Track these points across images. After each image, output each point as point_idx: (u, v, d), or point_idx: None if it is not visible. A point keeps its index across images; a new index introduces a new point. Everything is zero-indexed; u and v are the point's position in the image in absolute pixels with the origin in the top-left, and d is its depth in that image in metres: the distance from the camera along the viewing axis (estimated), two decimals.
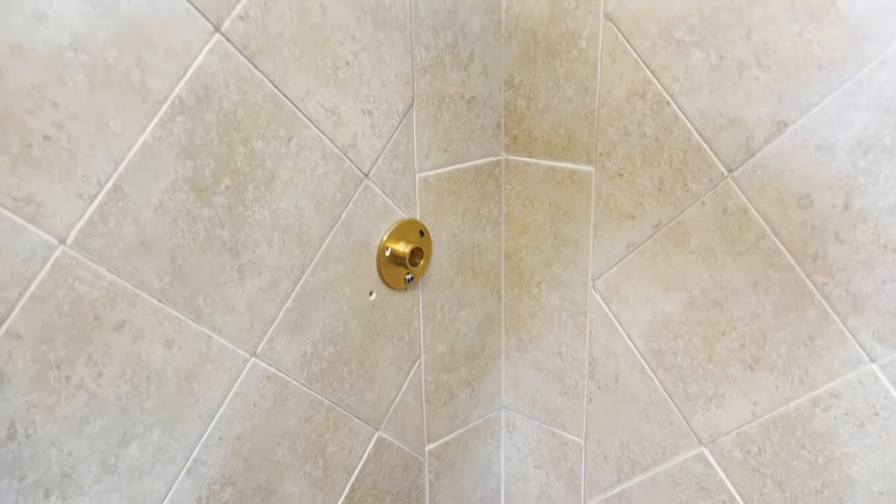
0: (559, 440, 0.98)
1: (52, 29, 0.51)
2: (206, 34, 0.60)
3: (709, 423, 0.81)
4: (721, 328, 0.77)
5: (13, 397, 0.55)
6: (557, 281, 0.91)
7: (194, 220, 0.63)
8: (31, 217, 0.53)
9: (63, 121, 0.53)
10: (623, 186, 0.80)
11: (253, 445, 0.73)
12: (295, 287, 0.72)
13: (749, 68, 0.67)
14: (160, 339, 0.63)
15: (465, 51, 0.83)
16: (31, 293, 0.54)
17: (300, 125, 0.68)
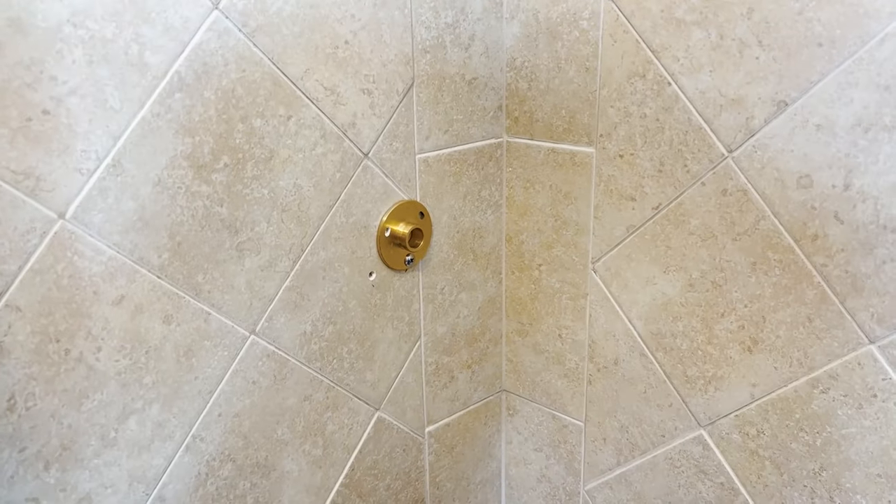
0: (559, 423, 0.98)
1: (50, 3, 0.52)
2: (205, 11, 0.60)
3: (707, 405, 0.81)
4: (720, 310, 0.76)
5: (13, 369, 0.56)
6: (558, 263, 0.91)
7: (193, 196, 0.63)
8: (30, 191, 0.53)
9: (62, 95, 0.54)
10: (623, 168, 0.80)
11: (252, 423, 0.73)
12: (294, 266, 0.73)
13: (749, 47, 0.67)
14: (159, 314, 0.63)
15: (466, 31, 0.82)
16: (31, 266, 0.55)
17: (299, 103, 0.69)
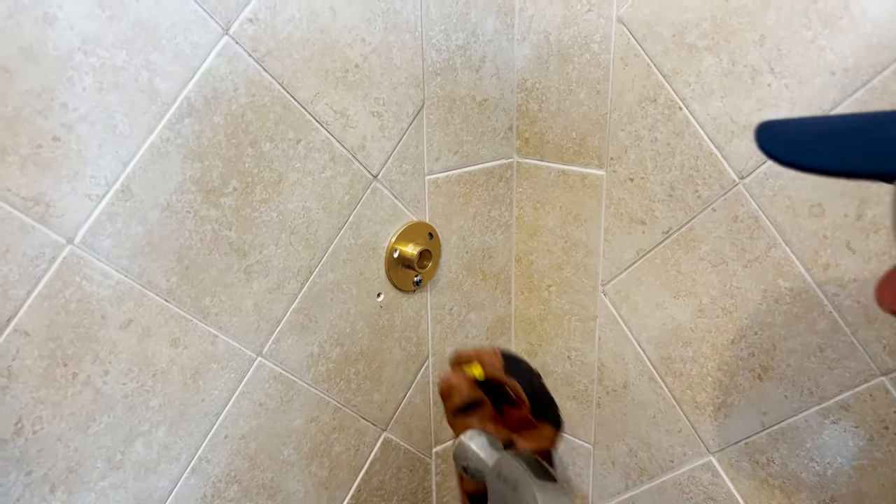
0: (567, 445, 0.97)
1: (61, 31, 0.52)
2: (215, 36, 0.60)
3: (717, 431, 0.80)
4: (730, 336, 0.76)
5: (21, 393, 0.56)
6: (567, 285, 0.91)
7: (202, 220, 0.63)
8: (40, 217, 0.54)
9: (72, 122, 0.54)
10: (634, 191, 0.80)
11: (258, 444, 0.73)
12: (302, 288, 0.73)
13: (761, 74, 0.67)
14: (167, 338, 0.64)
15: (476, 53, 0.82)
16: (39, 291, 0.55)
17: (309, 127, 0.69)
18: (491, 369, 0.66)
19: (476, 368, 0.66)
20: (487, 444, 0.63)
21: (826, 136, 0.36)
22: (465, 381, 0.66)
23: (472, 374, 0.65)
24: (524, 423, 0.67)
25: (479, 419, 0.65)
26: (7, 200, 0.52)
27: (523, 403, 0.65)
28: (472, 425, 0.65)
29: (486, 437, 0.63)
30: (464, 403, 0.65)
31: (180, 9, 0.58)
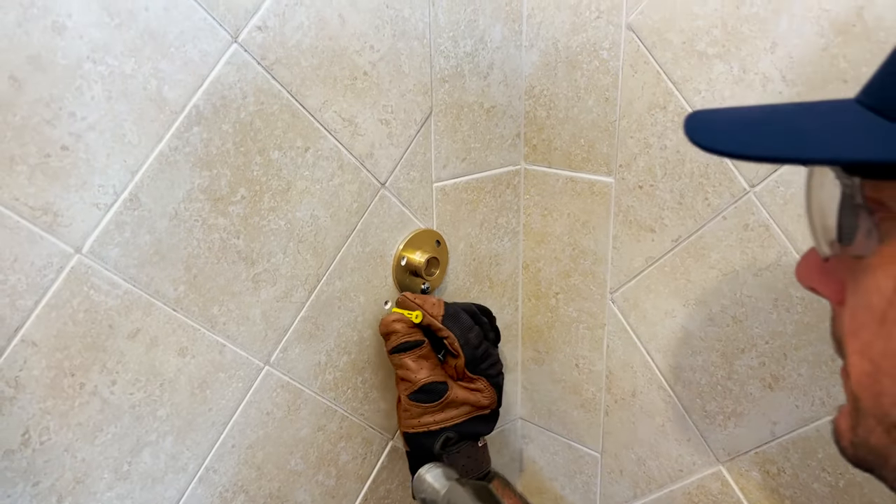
0: (575, 453, 0.97)
1: (70, 40, 0.52)
2: (224, 44, 0.60)
3: (727, 441, 0.79)
4: (741, 345, 0.75)
5: (28, 404, 0.56)
6: (575, 292, 0.90)
7: (210, 229, 0.63)
8: (48, 226, 0.54)
9: (80, 131, 0.54)
10: (643, 199, 0.79)
11: (265, 454, 0.73)
12: (310, 296, 0.72)
13: (773, 82, 0.66)
14: (174, 347, 0.63)
15: (484, 60, 0.82)
16: (47, 301, 0.55)
17: (317, 135, 0.68)
18: (429, 317, 0.74)
19: (416, 313, 0.74)
20: (441, 475, 0.71)
21: (748, 125, 0.39)
22: (403, 322, 0.75)
23: (410, 317, 0.74)
24: (460, 374, 0.76)
25: (414, 358, 0.74)
26: (15, 210, 0.52)
27: (459, 355, 0.74)
28: (406, 365, 0.73)
29: (442, 469, 0.72)
30: (399, 343, 0.74)
31: (189, 17, 0.57)
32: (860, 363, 0.36)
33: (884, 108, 0.34)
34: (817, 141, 0.34)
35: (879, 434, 0.35)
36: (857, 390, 0.37)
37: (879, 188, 0.34)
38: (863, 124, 0.34)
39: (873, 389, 0.35)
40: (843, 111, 0.36)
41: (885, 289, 0.34)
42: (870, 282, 0.35)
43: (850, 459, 0.39)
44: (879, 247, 0.35)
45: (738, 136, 0.38)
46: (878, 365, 0.35)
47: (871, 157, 0.32)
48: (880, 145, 0.32)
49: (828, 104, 0.39)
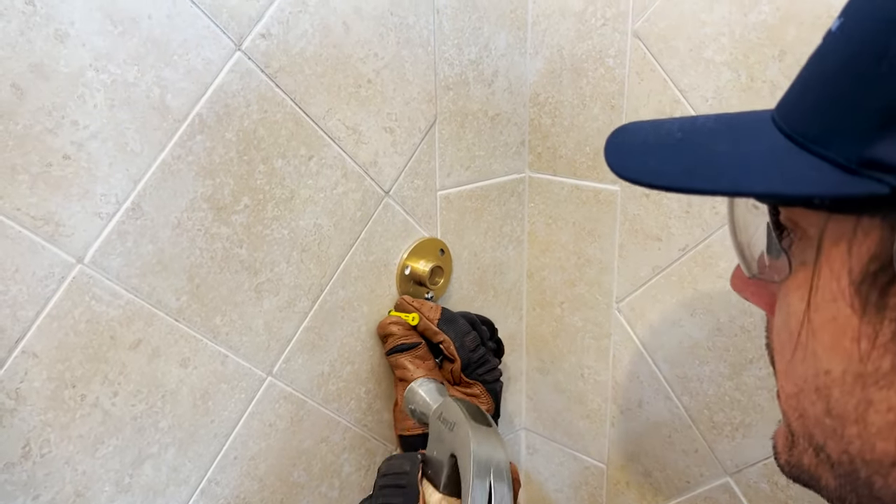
0: (580, 464, 0.96)
1: (72, 48, 0.51)
2: (228, 52, 0.59)
3: (735, 452, 0.78)
4: (749, 356, 0.74)
5: (28, 416, 0.55)
6: (580, 301, 0.89)
7: (213, 238, 0.62)
8: (49, 236, 0.53)
9: (83, 140, 0.53)
10: (649, 207, 0.79)
11: (268, 465, 0.72)
12: (313, 306, 0.72)
13: (781, 90, 0.65)
14: (176, 358, 0.62)
15: (489, 67, 0.82)
16: (48, 312, 0.54)
17: (321, 143, 0.68)
18: (425, 321, 0.75)
19: (413, 315, 0.76)
20: (434, 390, 0.71)
21: (662, 149, 0.38)
22: (399, 325, 0.76)
23: (406, 319, 0.76)
24: (457, 379, 0.76)
25: (410, 359, 0.75)
26: (16, 220, 0.51)
27: (455, 359, 0.74)
28: (403, 365, 0.74)
29: (435, 384, 0.72)
30: (396, 344, 0.75)
31: (192, 24, 0.57)
32: (785, 384, 0.36)
33: (792, 133, 0.33)
34: (724, 173, 0.34)
35: (810, 455, 0.35)
36: (786, 411, 0.37)
37: (792, 210, 0.34)
38: (772, 152, 0.33)
39: (797, 411, 0.35)
40: (759, 134, 0.35)
41: (798, 312, 0.34)
42: (786, 304, 0.35)
43: (788, 476, 0.39)
44: (794, 269, 0.35)
45: (650, 162, 0.37)
46: (800, 387, 0.34)
47: (774, 190, 0.31)
48: (784, 177, 0.31)
49: (746, 121, 0.38)
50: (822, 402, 0.33)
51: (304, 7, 0.63)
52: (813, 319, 0.33)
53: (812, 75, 0.34)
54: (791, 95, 0.35)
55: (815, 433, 0.34)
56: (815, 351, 0.33)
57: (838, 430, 0.32)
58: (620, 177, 0.37)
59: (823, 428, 0.34)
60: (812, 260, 0.33)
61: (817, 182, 0.30)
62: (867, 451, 0.31)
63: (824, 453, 0.34)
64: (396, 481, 0.62)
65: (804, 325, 0.33)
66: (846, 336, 0.31)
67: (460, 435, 0.60)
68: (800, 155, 0.32)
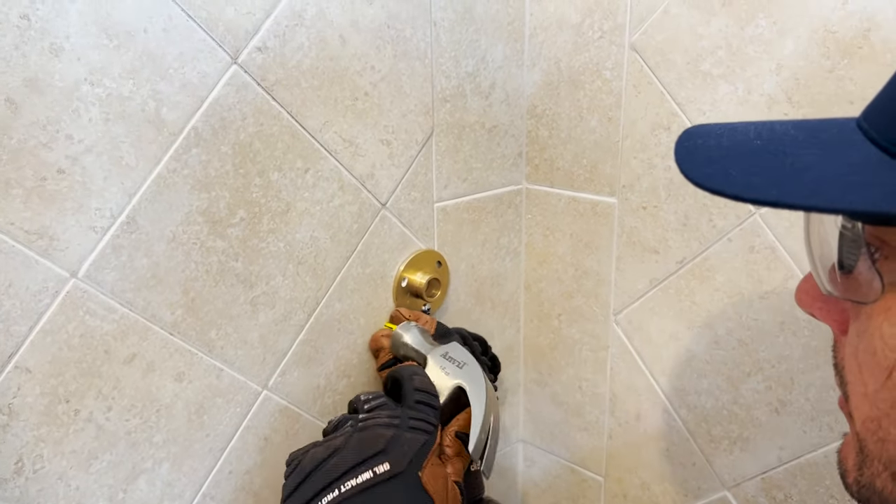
0: (578, 477, 0.95)
1: (67, 62, 0.51)
2: (224, 65, 0.59)
3: (733, 466, 0.78)
4: (747, 369, 0.74)
5: (21, 432, 0.55)
6: (578, 314, 0.89)
7: (208, 252, 0.62)
8: (43, 250, 0.53)
9: (77, 154, 0.53)
10: (647, 220, 0.78)
11: (263, 479, 0.72)
12: (309, 319, 0.71)
13: (778, 103, 0.65)
14: (171, 372, 0.62)
15: (486, 79, 0.81)
16: (41, 327, 0.54)
17: (317, 156, 0.68)
18: None
19: None
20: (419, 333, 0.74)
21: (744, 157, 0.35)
22: (391, 338, 0.74)
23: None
24: None
25: None
26: (10, 234, 0.51)
27: None
28: None
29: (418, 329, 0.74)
30: (387, 360, 0.73)
31: (188, 38, 0.57)
32: (865, 408, 0.35)
33: (888, 146, 0.31)
34: (820, 186, 0.31)
35: (885, 478, 0.34)
36: (861, 433, 0.36)
37: (883, 228, 0.33)
38: (867, 165, 0.31)
39: (878, 435, 0.34)
40: (848, 145, 0.33)
41: (889, 337, 0.32)
42: (873, 327, 0.33)
43: (853, 496, 0.38)
44: (884, 291, 0.33)
45: (732, 171, 0.34)
46: (885, 412, 0.33)
47: (878, 209, 0.29)
48: (886, 194, 0.29)
49: (830, 129, 0.36)
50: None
51: (300, 20, 0.63)
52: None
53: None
54: (882, 104, 0.33)
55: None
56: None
57: None
58: (700, 186, 0.34)
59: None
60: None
61: None
62: None
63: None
64: (431, 401, 0.64)
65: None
66: None
67: (473, 372, 0.68)
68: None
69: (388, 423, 0.61)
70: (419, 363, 0.71)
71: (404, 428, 0.61)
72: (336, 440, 0.60)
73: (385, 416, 0.62)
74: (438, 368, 0.69)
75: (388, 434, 0.60)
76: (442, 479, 0.61)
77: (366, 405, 0.63)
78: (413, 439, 0.60)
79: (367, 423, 0.61)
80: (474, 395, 0.66)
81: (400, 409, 0.63)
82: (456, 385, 0.67)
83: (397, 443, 0.59)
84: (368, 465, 0.57)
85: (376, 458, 0.58)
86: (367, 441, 0.59)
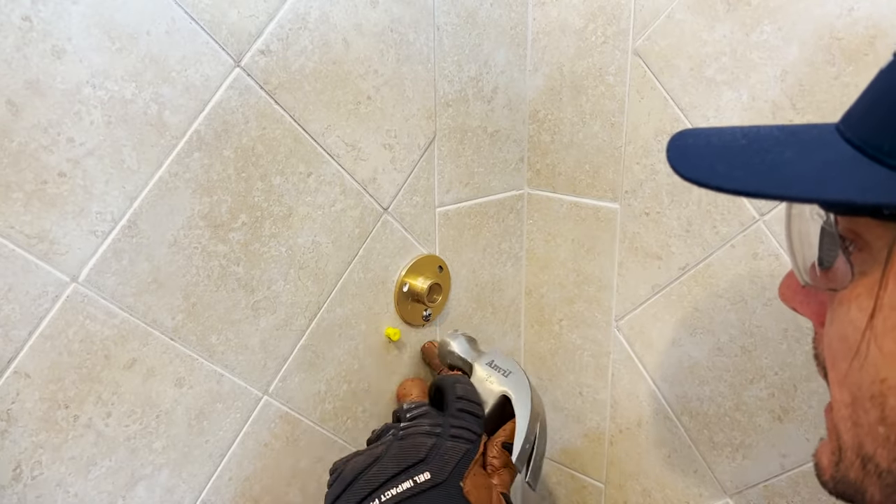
0: (578, 483, 0.95)
1: (69, 64, 0.50)
2: (227, 69, 0.59)
3: (735, 473, 0.78)
4: (749, 376, 0.74)
5: (20, 438, 0.54)
6: (579, 319, 0.89)
7: (209, 256, 0.61)
8: (44, 254, 0.52)
9: (79, 157, 0.52)
10: (649, 226, 0.78)
11: (263, 486, 0.71)
12: (310, 324, 0.71)
13: (783, 110, 0.65)
14: (171, 377, 0.61)
15: (489, 84, 0.81)
16: (41, 332, 0.53)
17: (319, 160, 0.67)
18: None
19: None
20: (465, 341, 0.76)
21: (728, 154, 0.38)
22: (419, 386, 0.75)
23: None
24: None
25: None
26: (10, 238, 0.50)
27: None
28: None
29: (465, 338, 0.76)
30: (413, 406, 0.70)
31: (191, 41, 0.56)
32: (840, 394, 0.37)
33: (862, 145, 0.34)
34: (796, 179, 0.34)
35: (857, 467, 0.36)
36: (837, 421, 0.38)
37: (855, 221, 0.35)
38: (841, 162, 0.34)
39: (852, 419, 0.36)
40: (825, 145, 0.36)
41: (858, 322, 0.35)
42: (843, 312, 0.36)
43: (831, 493, 0.39)
44: (853, 279, 0.35)
45: (718, 166, 0.37)
46: (854, 395, 0.35)
47: (848, 198, 0.32)
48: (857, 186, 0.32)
49: (810, 132, 0.39)
50: (876, 410, 0.34)
51: (303, 24, 0.63)
52: (875, 327, 0.33)
53: (884, 89, 0.34)
54: (859, 108, 0.36)
55: (865, 442, 0.35)
56: (874, 359, 0.33)
57: (891, 437, 0.33)
58: (687, 179, 0.37)
59: (875, 436, 0.34)
60: (874, 269, 0.34)
61: (892, 192, 0.30)
62: None
63: (872, 464, 0.35)
64: (474, 409, 0.63)
65: (864, 334, 0.34)
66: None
67: (519, 380, 0.67)
68: (871, 166, 0.32)
69: (429, 432, 0.61)
70: (465, 372, 0.70)
71: (445, 437, 0.60)
72: (377, 449, 0.59)
73: (427, 425, 0.61)
74: (484, 377, 0.68)
75: (428, 443, 0.59)
76: (486, 489, 0.60)
77: (408, 413, 0.63)
78: (455, 448, 0.59)
79: (408, 432, 0.61)
80: (519, 403, 0.65)
81: (442, 417, 0.62)
82: (501, 394, 0.66)
83: (438, 451, 0.59)
84: (409, 474, 0.56)
85: (417, 468, 0.57)
86: (407, 450, 0.58)
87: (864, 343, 0.34)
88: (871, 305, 0.33)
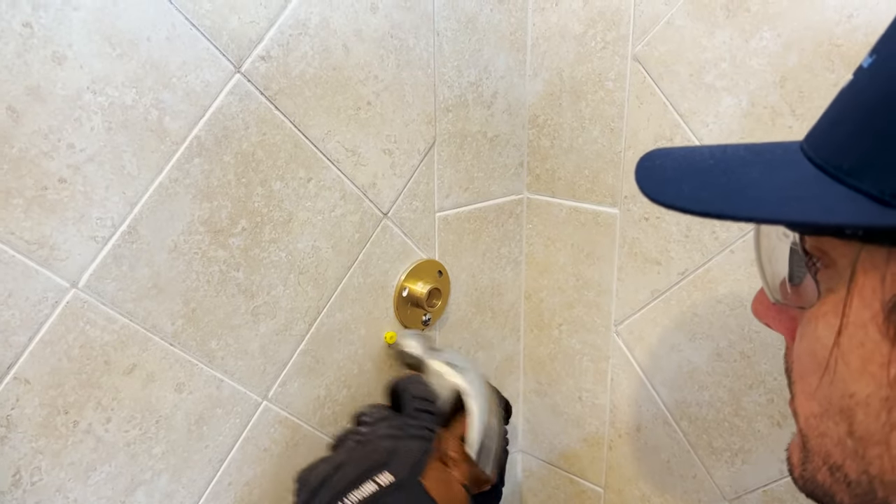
0: (577, 487, 0.95)
1: (70, 70, 0.50)
2: (227, 74, 0.59)
3: (734, 478, 0.78)
4: (749, 381, 0.74)
5: (19, 443, 0.54)
6: (579, 324, 0.89)
7: (209, 262, 0.61)
8: (44, 260, 0.52)
9: (79, 163, 0.52)
10: (649, 231, 0.78)
11: (262, 491, 0.71)
12: (310, 329, 0.71)
13: (782, 116, 0.65)
14: (171, 383, 0.61)
15: (488, 89, 0.81)
16: (41, 337, 0.53)
17: (319, 165, 0.67)
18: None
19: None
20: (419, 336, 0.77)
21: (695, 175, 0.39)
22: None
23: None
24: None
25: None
26: (10, 244, 0.50)
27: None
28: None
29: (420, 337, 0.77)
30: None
31: (192, 46, 0.56)
32: (807, 404, 0.37)
33: (823, 164, 0.34)
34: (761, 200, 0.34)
35: (824, 473, 0.37)
36: (804, 430, 0.38)
37: (820, 240, 0.35)
38: (805, 182, 0.34)
39: (819, 430, 0.37)
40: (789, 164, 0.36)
41: (825, 339, 0.35)
42: (811, 330, 0.36)
43: (801, 490, 0.40)
44: (820, 297, 0.36)
45: (684, 188, 0.38)
46: (824, 408, 0.36)
47: (811, 219, 0.32)
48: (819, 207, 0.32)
49: (775, 150, 0.39)
50: (844, 424, 0.34)
51: (304, 29, 0.63)
52: (842, 344, 0.34)
53: (845, 109, 0.34)
54: (821, 127, 0.36)
55: (833, 452, 0.36)
56: (843, 375, 0.34)
57: (859, 450, 0.34)
58: (655, 202, 0.37)
59: (844, 448, 0.35)
60: (840, 287, 0.34)
61: (852, 212, 0.30)
62: (887, 473, 0.33)
63: (840, 472, 0.35)
64: (429, 408, 0.65)
65: (832, 351, 0.34)
66: (874, 361, 0.32)
67: (471, 375, 0.69)
68: (832, 186, 0.33)
69: (388, 434, 0.62)
70: (420, 370, 0.71)
71: (405, 437, 0.62)
72: (340, 455, 0.61)
73: (385, 428, 0.63)
74: (438, 372, 0.69)
75: (389, 445, 0.60)
76: (446, 483, 0.61)
77: (367, 418, 0.64)
78: (413, 447, 0.61)
79: (367, 437, 0.62)
80: (472, 397, 0.67)
81: (400, 418, 0.64)
82: (455, 389, 0.68)
83: (398, 452, 0.60)
84: (372, 476, 0.58)
85: (379, 470, 0.58)
86: (369, 454, 0.60)
87: (833, 359, 0.35)
88: (838, 323, 0.34)
